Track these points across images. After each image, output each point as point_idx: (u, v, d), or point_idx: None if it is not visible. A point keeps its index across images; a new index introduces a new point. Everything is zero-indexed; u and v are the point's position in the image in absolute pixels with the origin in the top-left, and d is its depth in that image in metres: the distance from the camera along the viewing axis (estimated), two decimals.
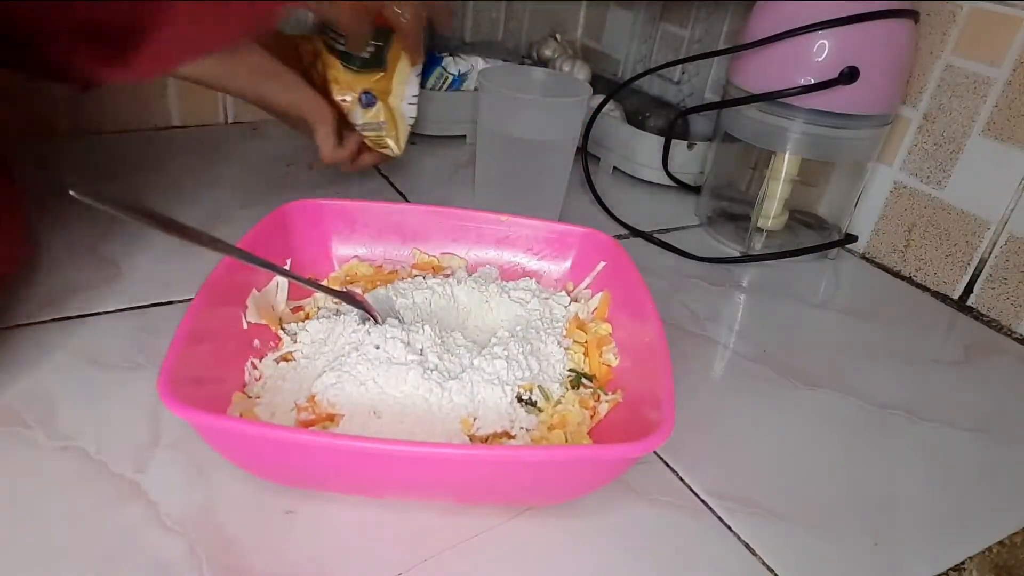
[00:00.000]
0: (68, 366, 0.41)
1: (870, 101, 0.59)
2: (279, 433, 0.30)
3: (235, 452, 0.33)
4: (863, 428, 0.45)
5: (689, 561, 0.35)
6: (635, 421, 0.36)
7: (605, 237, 0.48)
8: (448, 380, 0.37)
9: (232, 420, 0.32)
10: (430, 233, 0.50)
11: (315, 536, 0.33)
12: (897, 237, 0.66)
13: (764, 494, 0.39)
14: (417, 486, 0.34)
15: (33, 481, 0.34)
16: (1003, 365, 0.55)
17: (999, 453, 0.45)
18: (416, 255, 0.50)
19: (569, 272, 0.50)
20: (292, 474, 0.34)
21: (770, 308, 0.58)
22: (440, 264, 0.50)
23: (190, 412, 0.29)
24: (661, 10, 0.87)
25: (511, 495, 0.35)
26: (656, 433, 0.31)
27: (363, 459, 0.30)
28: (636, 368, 0.40)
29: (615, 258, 0.47)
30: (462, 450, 0.33)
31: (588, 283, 0.48)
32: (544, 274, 0.50)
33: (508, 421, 0.37)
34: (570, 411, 0.38)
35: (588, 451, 0.34)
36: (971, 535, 0.39)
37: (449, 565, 0.33)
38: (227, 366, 0.37)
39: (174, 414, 0.29)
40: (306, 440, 0.30)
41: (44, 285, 0.47)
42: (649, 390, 0.36)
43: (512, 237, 0.50)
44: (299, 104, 0.54)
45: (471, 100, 0.77)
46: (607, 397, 0.40)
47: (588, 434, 0.38)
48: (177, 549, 0.31)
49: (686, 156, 0.73)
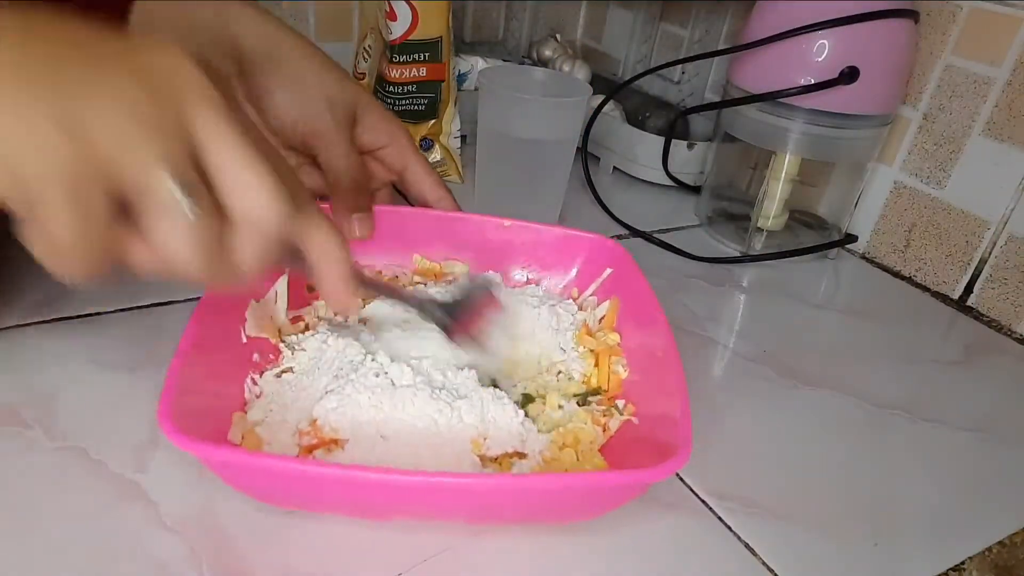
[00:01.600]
0: (68, 366, 0.41)
1: (870, 101, 0.59)
2: (288, 465, 0.29)
3: (240, 481, 0.32)
4: (863, 428, 0.45)
5: (689, 561, 0.35)
6: (648, 439, 0.35)
7: (612, 244, 0.47)
8: (457, 400, 0.36)
9: (238, 451, 0.31)
10: (432, 239, 0.49)
11: (315, 536, 0.33)
12: (897, 237, 0.66)
13: (764, 494, 0.39)
14: (429, 513, 0.33)
15: (33, 481, 0.34)
16: (1003, 365, 0.55)
17: (999, 453, 0.45)
18: (418, 261, 0.49)
19: (575, 279, 0.49)
20: (301, 503, 0.34)
21: (770, 308, 0.58)
22: (442, 271, 0.49)
23: (194, 444, 0.28)
24: (661, 10, 0.87)
25: (524, 518, 0.35)
26: (675, 457, 0.30)
27: (374, 490, 0.30)
28: (646, 381, 0.39)
29: (622, 265, 0.46)
30: (477, 479, 0.32)
31: (594, 290, 0.47)
32: (549, 280, 0.49)
33: (519, 440, 0.36)
34: (582, 429, 0.38)
35: (605, 477, 0.33)
36: (971, 535, 0.39)
37: (449, 566, 0.33)
38: (226, 383, 0.36)
39: (177, 446, 0.28)
40: (317, 472, 0.29)
41: (44, 285, 0.47)
42: (662, 405, 0.36)
43: (516, 242, 0.49)
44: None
45: (471, 100, 0.77)
46: (621, 416, 0.39)
47: (600, 451, 0.37)
48: (177, 549, 0.31)
49: (686, 156, 0.73)
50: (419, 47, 0.64)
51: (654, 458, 0.30)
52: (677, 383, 0.35)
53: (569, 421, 0.38)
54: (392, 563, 0.32)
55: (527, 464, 0.35)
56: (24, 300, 0.45)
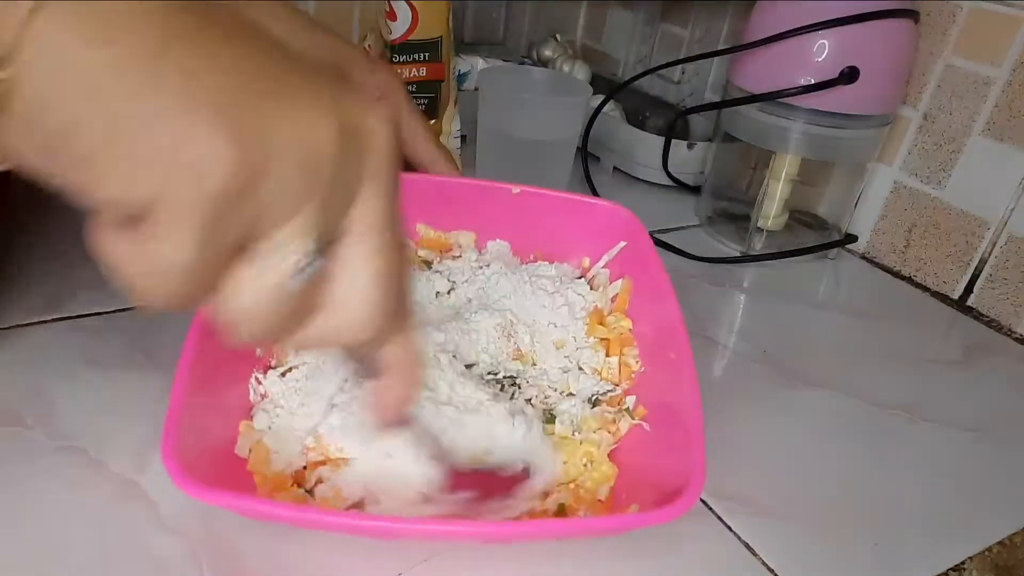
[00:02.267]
0: (68, 366, 0.41)
1: (870, 101, 0.59)
2: (309, 515, 0.29)
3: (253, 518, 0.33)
4: (863, 428, 0.45)
5: (689, 561, 0.35)
6: (659, 448, 0.35)
7: (627, 214, 0.45)
8: (463, 414, 0.35)
9: (253, 501, 0.31)
10: (436, 206, 0.46)
11: (315, 536, 0.33)
12: (897, 237, 0.66)
13: (764, 494, 0.39)
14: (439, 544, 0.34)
15: (33, 481, 0.34)
16: (1003, 365, 0.55)
17: (999, 453, 0.45)
18: (423, 231, 0.47)
19: (586, 247, 0.47)
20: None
21: (770, 308, 0.58)
22: (447, 242, 0.47)
23: (205, 493, 0.28)
24: (661, 10, 0.87)
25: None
26: (685, 495, 0.29)
27: (378, 534, 0.31)
28: (657, 375, 0.39)
29: (636, 239, 0.44)
30: (477, 526, 0.32)
31: (606, 262, 0.45)
32: (559, 249, 0.47)
33: (528, 455, 0.35)
34: (590, 438, 0.37)
35: (613, 522, 0.33)
36: (971, 535, 0.39)
37: (449, 565, 0.33)
38: (231, 385, 0.36)
39: (188, 495, 0.28)
40: (335, 521, 0.30)
41: (44, 285, 0.47)
42: (673, 406, 0.36)
43: (527, 208, 0.46)
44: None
45: (471, 100, 0.77)
46: (632, 420, 0.38)
47: (609, 456, 0.37)
48: (177, 549, 0.31)
49: (686, 156, 0.73)
50: (419, 47, 0.64)
51: (663, 475, 0.30)
52: (690, 389, 0.35)
53: (579, 430, 0.38)
54: (392, 563, 0.32)
55: (538, 480, 0.35)
56: (24, 300, 0.45)
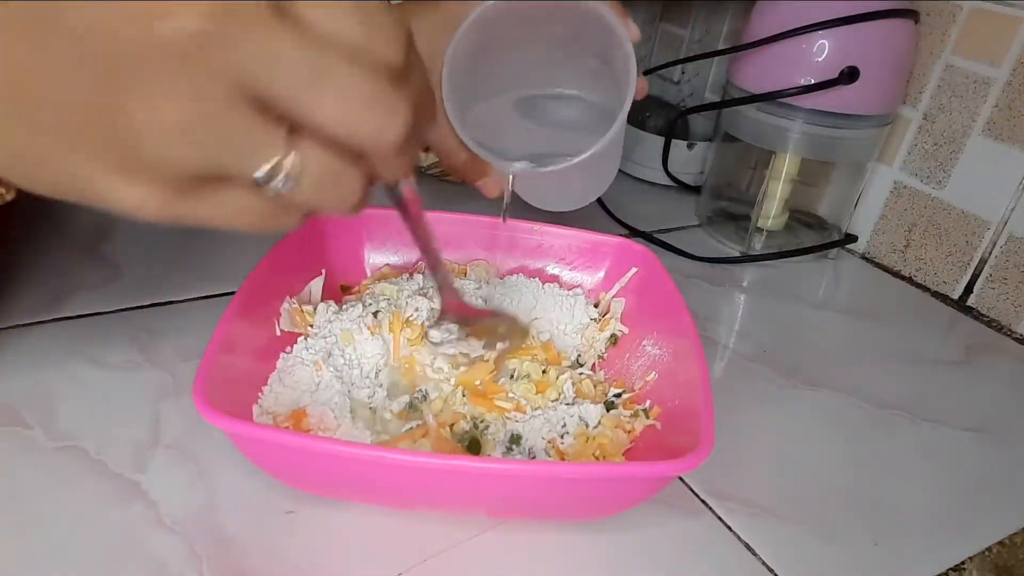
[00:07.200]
0: (68, 366, 0.41)
1: (870, 101, 0.59)
2: (325, 446, 0.30)
3: (269, 461, 0.32)
4: (863, 428, 0.45)
5: (689, 561, 0.35)
6: (672, 441, 0.35)
7: (640, 248, 0.47)
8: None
9: (272, 431, 0.31)
10: (461, 241, 0.49)
11: (315, 536, 0.33)
12: (897, 237, 0.66)
13: (764, 494, 0.39)
14: (452, 500, 0.34)
15: (33, 481, 0.34)
16: (1003, 365, 0.55)
17: (999, 453, 0.45)
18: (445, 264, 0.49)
19: (602, 283, 0.49)
20: (325, 487, 0.34)
21: (770, 308, 0.58)
22: (468, 272, 0.49)
23: (224, 420, 0.29)
24: (661, 10, 0.87)
25: (545, 510, 0.35)
26: (696, 451, 0.30)
27: (406, 472, 0.30)
28: (668, 381, 0.40)
29: (649, 268, 0.46)
30: (500, 464, 0.33)
31: (618, 290, 0.47)
32: (576, 285, 0.49)
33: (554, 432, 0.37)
34: (605, 435, 0.38)
35: (627, 469, 0.33)
36: (971, 535, 0.39)
37: (449, 565, 0.33)
38: (254, 374, 0.37)
39: (209, 422, 0.28)
40: (349, 453, 0.30)
41: (44, 285, 0.47)
42: (685, 407, 0.36)
43: (544, 247, 0.49)
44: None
45: None
46: (647, 420, 0.39)
47: (623, 455, 0.37)
48: (177, 549, 0.31)
49: (686, 156, 0.73)
50: None
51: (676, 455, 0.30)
52: (702, 385, 0.35)
53: (595, 428, 0.38)
54: (392, 562, 0.32)
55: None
56: (24, 300, 0.45)
